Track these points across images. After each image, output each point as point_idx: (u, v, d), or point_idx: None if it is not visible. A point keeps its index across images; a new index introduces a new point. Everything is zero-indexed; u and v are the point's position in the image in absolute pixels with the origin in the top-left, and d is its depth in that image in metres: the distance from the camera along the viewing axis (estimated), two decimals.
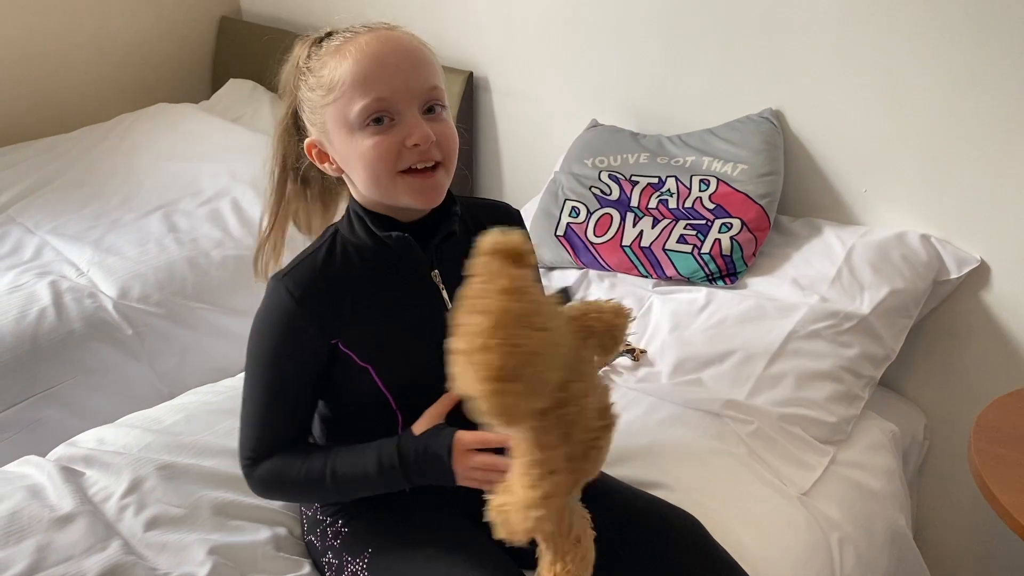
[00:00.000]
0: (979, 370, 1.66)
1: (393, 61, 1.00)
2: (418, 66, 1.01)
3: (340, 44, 1.02)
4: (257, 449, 1.09)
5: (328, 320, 1.04)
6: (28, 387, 1.82)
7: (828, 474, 1.44)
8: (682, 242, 1.73)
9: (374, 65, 0.99)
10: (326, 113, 1.02)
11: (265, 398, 1.07)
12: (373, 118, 0.99)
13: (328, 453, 1.08)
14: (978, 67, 1.49)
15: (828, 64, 1.68)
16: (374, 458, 1.05)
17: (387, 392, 1.09)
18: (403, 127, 1.00)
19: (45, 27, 2.80)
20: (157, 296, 2.01)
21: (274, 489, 1.12)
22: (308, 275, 1.05)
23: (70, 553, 1.17)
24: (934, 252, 1.62)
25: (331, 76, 1.00)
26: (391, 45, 1.01)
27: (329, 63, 1.01)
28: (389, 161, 1.00)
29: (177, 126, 2.67)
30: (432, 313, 1.09)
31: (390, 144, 0.99)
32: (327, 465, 1.06)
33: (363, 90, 0.98)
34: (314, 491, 1.10)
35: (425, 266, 1.09)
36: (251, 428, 1.09)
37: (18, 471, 1.35)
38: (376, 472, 1.04)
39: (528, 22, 2.19)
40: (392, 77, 0.99)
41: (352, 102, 0.99)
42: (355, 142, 1.00)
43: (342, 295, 1.05)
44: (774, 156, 1.75)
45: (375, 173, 1.01)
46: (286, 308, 1.03)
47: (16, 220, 2.29)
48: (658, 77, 1.97)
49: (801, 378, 1.50)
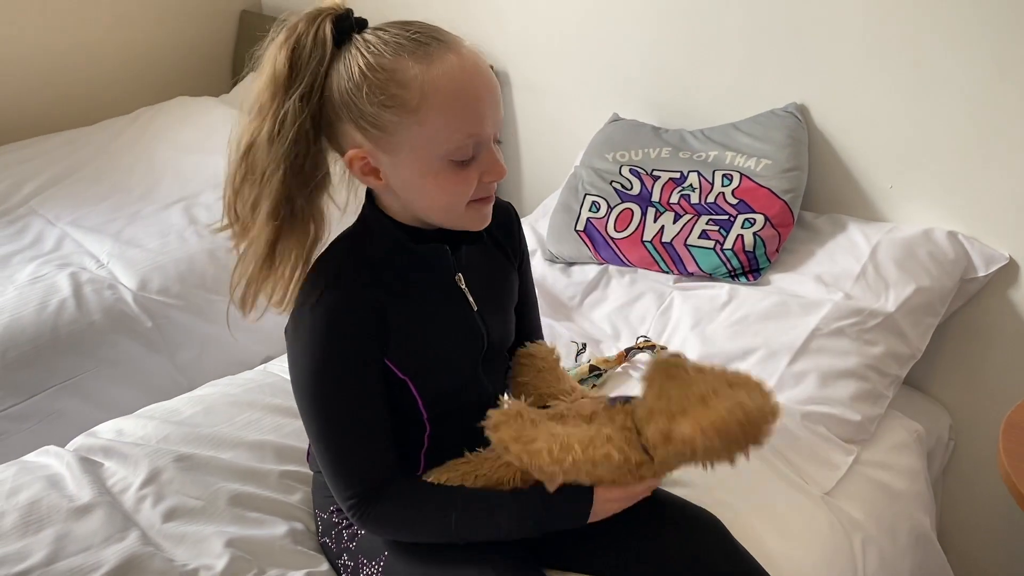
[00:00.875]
0: (1006, 370, 1.63)
1: (484, 95, 0.95)
2: (499, 98, 0.98)
3: (424, 67, 0.91)
4: (358, 484, 1.01)
5: (376, 330, 0.99)
6: (48, 378, 1.83)
7: (852, 474, 1.42)
8: (704, 238, 1.71)
9: (471, 100, 0.93)
10: (398, 135, 0.93)
11: (344, 432, 1.00)
12: (464, 158, 0.95)
13: (455, 504, 1.03)
14: (1007, 60, 1.46)
15: (854, 57, 1.65)
16: (505, 525, 1.03)
17: (422, 405, 1.06)
18: (481, 162, 0.97)
19: (66, 22, 2.81)
20: (177, 288, 2.01)
21: (390, 531, 1.06)
22: (343, 292, 0.98)
23: (88, 543, 1.17)
24: (961, 249, 1.59)
25: (418, 94, 0.91)
26: (479, 75, 0.94)
27: (411, 83, 0.91)
28: (467, 195, 0.98)
29: (197, 119, 2.68)
30: (463, 317, 1.08)
31: (471, 179, 0.97)
32: (453, 520, 1.02)
33: (459, 124, 0.93)
34: (435, 535, 1.05)
35: (451, 273, 1.08)
36: (343, 469, 1.01)
37: (37, 461, 1.35)
38: (507, 534, 1.03)
39: (549, 16, 2.17)
40: (484, 113, 0.95)
41: (445, 135, 0.93)
42: (432, 172, 0.95)
43: (380, 306, 0.99)
44: (798, 151, 1.73)
45: (448, 204, 0.98)
46: (332, 329, 0.97)
47: (37, 212, 2.30)
48: (680, 70, 1.95)
49: (825, 376, 1.48)
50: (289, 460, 1.37)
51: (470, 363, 1.10)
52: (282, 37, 0.94)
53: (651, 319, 1.69)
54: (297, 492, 1.32)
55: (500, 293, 1.16)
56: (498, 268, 1.16)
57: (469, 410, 1.09)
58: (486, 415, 1.00)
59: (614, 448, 0.97)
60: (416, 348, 1.03)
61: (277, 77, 0.93)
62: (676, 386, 0.97)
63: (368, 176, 0.99)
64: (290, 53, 0.93)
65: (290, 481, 1.34)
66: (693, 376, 0.98)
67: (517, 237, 1.20)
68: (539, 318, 1.30)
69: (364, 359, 0.99)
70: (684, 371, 0.98)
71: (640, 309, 1.72)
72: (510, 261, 1.18)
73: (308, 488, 1.32)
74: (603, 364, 1.56)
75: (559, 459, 0.95)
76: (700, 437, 0.91)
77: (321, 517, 1.22)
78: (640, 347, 1.60)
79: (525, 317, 1.24)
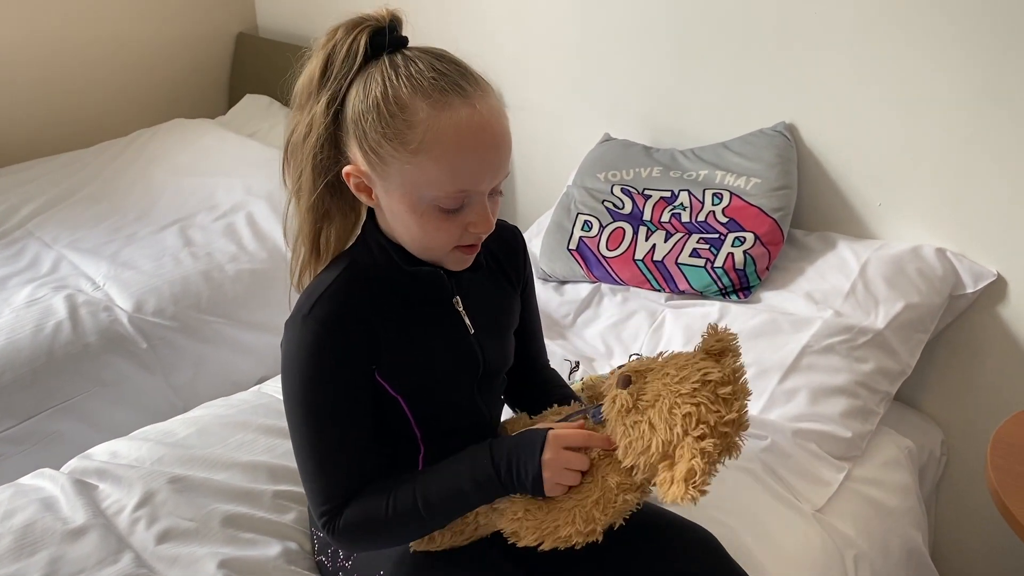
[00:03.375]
0: (996, 385, 1.64)
1: (487, 156, 0.94)
2: (505, 158, 0.97)
3: (436, 112, 0.91)
4: (332, 499, 1.00)
5: (366, 347, 1.00)
6: (44, 400, 1.84)
7: (843, 490, 1.42)
8: (695, 256, 1.73)
9: (470, 157, 0.93)
10: (391, 166, 0.94)
11: (323, 444, 1.00)
12: (452, 207, 0.95)
13: (414, 482, 1.01)
14: (994, 78, 1.49)
15: (842, 77, 1.67)
16: (467, 473, 1.00)
17: (414, 423, 1.07)
18: (470, 211, 0.96)
19: (64, 44, 2.83)
20: (172, 310, 2.02)
21: (363, 537, 1.02)
22: (336, 306, 0.99)
23: (82, 566, 1.18)
24: (950, 266, 1.60)
25: (419, 141, 0.92)
26: (489, 134, 0.94)
27: (419, 124, 0.91)
28: (451, 242, 0.98)
29: (194, 141, 2.70)
30: (458, 340, 1.08)
31: (455, 228, 0.97)
32: (416, 495, 1.00)
33: (451, 178, 0.93)
34: (407, 526, 1.02)
35: (448, 294, 1.08)
36: (317, 480, 1.00)
37: (32, 484, 1.36)
38: (472, 487, 1.00)
39: (543, 37, 2.20)
40: (482, 172, 0.94)
41: (435, 184, 0.93)
42: (419, 212, 0.95)
43: (374, 324, 1.00)
44: (787, 170, 1.75)
45: (430, 246, 0.99)
46: (321, 342, 0.98)
47: (34, 234, 2.31)
48: (671, 91, 1.97)
49: (816, 393, 1.49)
50: (283, 480, 1.37)
51: (466, 386, 1.10)
52: (323, 40, 0.97)
53: (643, 337, 1.70)
54: (291, 512, 1.32)
55: (499, 317, 1.15)
56: (499, 292, 1.16)
57: (465, 431, 1.10)
58: (504, 535, 1.02)
59: (627, 494, 0.99)
60: (408, 367, 1.04)
61: (311, 79, 0.97)
62: (638, 423, 0.97)
63: (361, 193, 1.00)
64: (324, 58, 0.96)
65: (284, 501, 1.34)
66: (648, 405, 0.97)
67: (522, 262, 1.19)
68: (543, 342, 1.29)
69: (351, 374, 1.00)
70: (636, 402, 0.98)
71: (632, 327, 1.73)
72: (512, 285, 1.18)
73: (302, 507, 1.32)
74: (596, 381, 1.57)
75: (590, 532, 0.98)
76: (700, 473, 0.91)
77: (317, 536, 1.22)
78: None
79: (528, 341, 1.23)
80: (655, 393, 0.97)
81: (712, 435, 0.92)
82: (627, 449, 0.97)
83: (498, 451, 1.00)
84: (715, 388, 0.95)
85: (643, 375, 1.00)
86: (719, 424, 0.93)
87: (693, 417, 0.93)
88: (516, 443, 1.01)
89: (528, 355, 1.24)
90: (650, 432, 0.95)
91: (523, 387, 1.25)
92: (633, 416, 0.97)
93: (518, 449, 1.00)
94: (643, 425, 0.96)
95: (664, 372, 0.98)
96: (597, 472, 1.00)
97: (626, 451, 0.97)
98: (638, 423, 0.96)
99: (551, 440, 0.99)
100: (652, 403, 0.96)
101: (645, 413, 0.96)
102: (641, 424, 0.96)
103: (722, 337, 1.02)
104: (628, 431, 0.97)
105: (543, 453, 0.98)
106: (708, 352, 1.01)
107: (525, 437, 1.01)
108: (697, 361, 0.98)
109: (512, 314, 1.18)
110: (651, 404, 0.96)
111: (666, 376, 0.97)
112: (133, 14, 2.95)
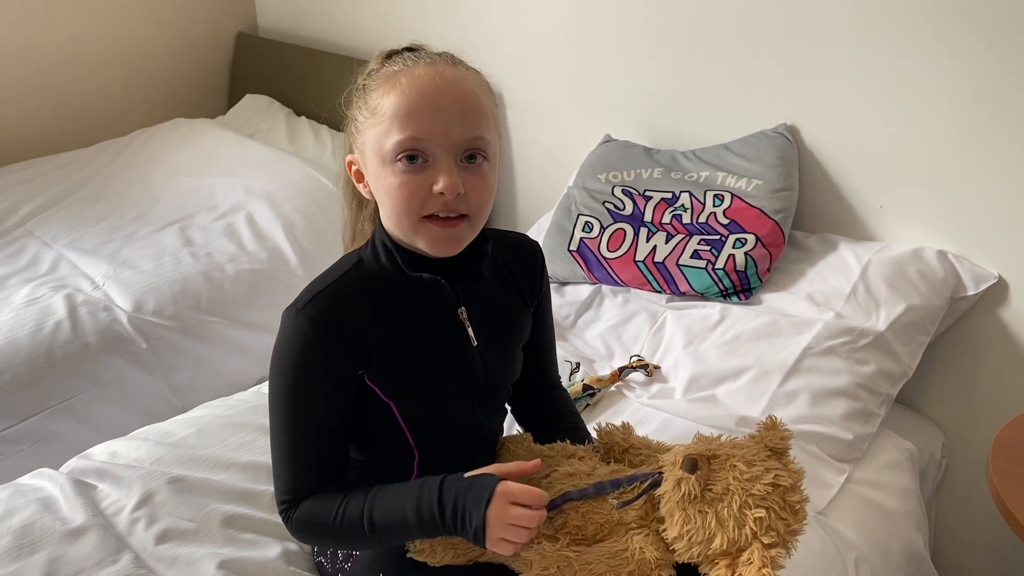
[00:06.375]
0: (997, 387, 1.64)
1: (439, 103, 0.95)
2: (466, 113, 0.97)
3: (397, 70, 0.98)
4: (292, 491, 1.02)
5: (354, 350, 1.00)
6: (43, 400, 1.83)
7: (844, 493, 1.42)
8: (696, 257, 1.73)
9: (419, 102, 0.95)
10: (366, 136, 0.99)
11: (294, 436, 1.01)
12: (406, 155, 0.95)
13: (366, 497, 1.01)
14: (994, 81, 1.49)
15: (843, 79, 1.67)
16: (413, 506, 0.99)
17: (407, 429, 1.06)
18: (434, 171, 0.96)
19: (63, 43, 2.83)
20: (171, 310, 2.02)
21: (311, 535, 1.05)
22: (330, 305, 1.00)
23: (81, 566, 1.17)
24: (951, 268, 1.60)
25: (377, 101, 0.97)
26: (443, 85, 0.96)
27: (380, 87, 0.98)
28: (414, 204, 0.96)
29: (193, 141, 2.69)
30: (458, 351, 1.07)
31: (418, 186, 0.96)
32: (364, 511, 1.00)
33: (401, 124, 0.95)
34: (354, 537, 1.02)
35: (452, 304, 1.07)
36: (283, 469, 1.03)
37: (31, 484, 1.35)
38: (415, 521, 0.98)
39: (542, 38, 2.20)
40: (433, 118, 0.95)
41: (389, 133, 0.96)
42: (385, 174, 0.97)
43: (368, 327, 1.01)
44: (789, 171, 1.74)
45: (398, 212, 0.98)
46: (308, 340, 0.98)
47: (33, 234, 2.31)
48: (672, 92, 1.97)
49: (816, 395, 1.49)
50: None
51: (464, 396, 1.09)
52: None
53: (644, 338, 1.70)
54: None
55: (506, 331, 1.14)
56: (509, 305, 1.14)
57: (464, 444, 1.09)
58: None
59: (662, 571, 0.98)
60: (400, 374, 1.03)
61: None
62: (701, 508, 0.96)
63: (361, 183, 1.04)
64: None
65: None
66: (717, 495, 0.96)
67: (539, 278, 1.18)
68: (555, 360, 1.27)
69: (331, 376, 1.00)
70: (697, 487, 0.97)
71: (633, 328, 1.73)
72: (525, 300, 1.16)
73: None
74: (596, 383, 1.57)
75: None
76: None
77: None
78: (633, 366, 1.61)
79: (537, 357, 1.22)
80: (725, 486, 0.95)
81: (780, 544, 0.93)
82: (684, 535, 0.96)
83: (448, 492, 0.98)
84: (784, 494, 0.95)
85: (708, 461, 0.97)
86: (786, 533, 0.94)
87: (764, 523, 0.93)
88: (467, 487, 0.98)
89: (537, 370, 1.23)
90: (717, 527, 0.94)
91: (528, 401, 1.24)
92: (699, 505, 0.95)
93: (466, 494, 0.97)
94: (709, 517, 0.94)
95: (732, 464, 0.96)
96: (631, 540, 0.99)
97: (682, 536, 0.96)
98: (703, 513, 0.95)
99: (499, 494, 0.96)
100: (720, 497, 0.95)
101: (713, 505, 0.95)
102: (707, 515, 0.94)
103: (785, 435, 1.01)
104: (691, 519, 0.95)
105: (489, 507, 0.95)
106: (770, 449, 1.00)
107: (476, 483, 0.98)
108: (765, 459, 0.97)
109: (520, 329, 1.16)
110: (719, 498, 0.95)
111: (735, 470, 0.96)
112: (133, 14, 2.95)
